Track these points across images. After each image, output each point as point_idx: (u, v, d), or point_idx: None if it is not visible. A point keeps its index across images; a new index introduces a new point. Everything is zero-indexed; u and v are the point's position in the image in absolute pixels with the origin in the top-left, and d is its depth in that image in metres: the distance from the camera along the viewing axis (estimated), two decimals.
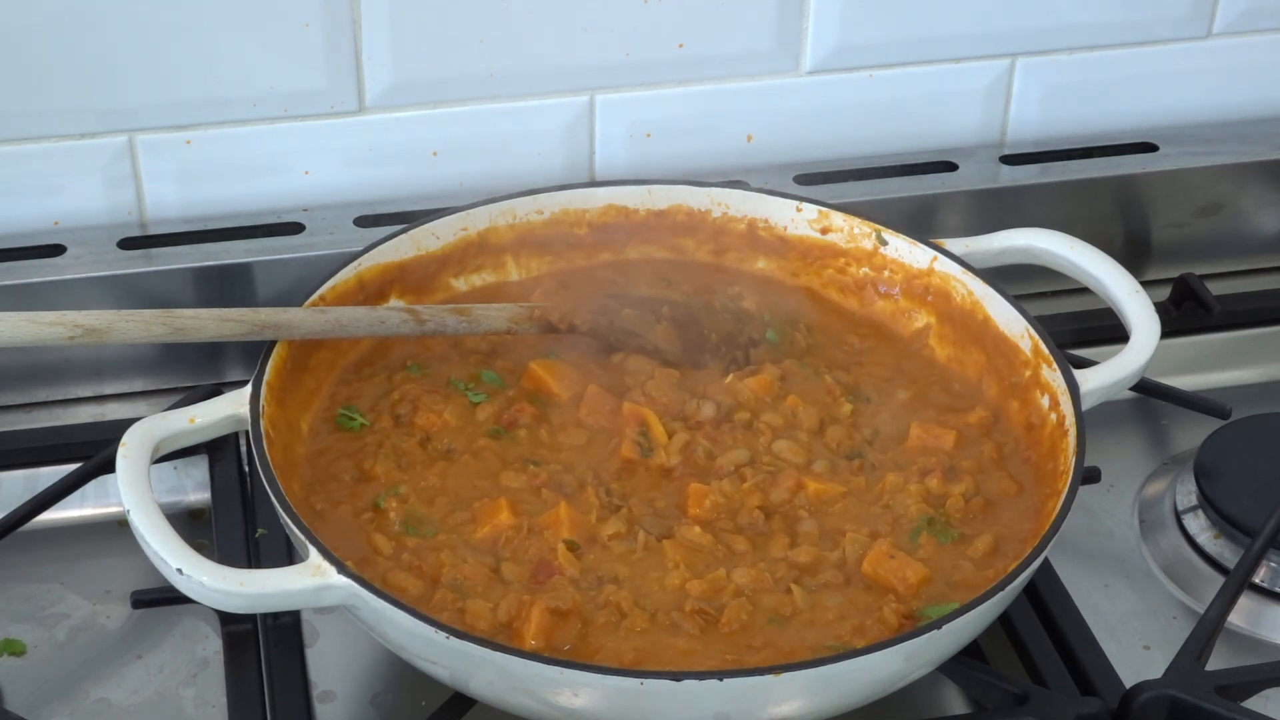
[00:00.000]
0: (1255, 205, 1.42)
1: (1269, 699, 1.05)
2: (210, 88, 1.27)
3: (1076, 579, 1.12)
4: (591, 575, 1.02)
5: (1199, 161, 1.40)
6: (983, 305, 1.17)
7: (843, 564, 1.03)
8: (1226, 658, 1.07)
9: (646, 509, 1.06)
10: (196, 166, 1.30)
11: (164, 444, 1.02)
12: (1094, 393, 1.09)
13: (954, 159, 1.40)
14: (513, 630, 0.97)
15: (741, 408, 1.14)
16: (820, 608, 1.00)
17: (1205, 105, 1.45)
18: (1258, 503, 1.13)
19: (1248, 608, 1.11)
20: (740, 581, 1.01)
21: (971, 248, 1.21)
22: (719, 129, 1.38)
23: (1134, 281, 1.17)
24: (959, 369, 1.18)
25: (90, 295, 1.23)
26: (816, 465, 1.10)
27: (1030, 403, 1.12)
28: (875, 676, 0.95)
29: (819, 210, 1.24)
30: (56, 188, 1.29)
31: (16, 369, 1.25)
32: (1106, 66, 1.42)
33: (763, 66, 1.37)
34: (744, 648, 0.98)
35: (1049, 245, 1.20)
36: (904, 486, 1.08)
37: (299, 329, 1.09)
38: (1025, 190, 1.37)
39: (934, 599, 1.01)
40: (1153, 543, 1.17)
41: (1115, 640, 1.09)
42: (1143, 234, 1.40)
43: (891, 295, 1.22)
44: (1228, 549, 1.13)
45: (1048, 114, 1.43)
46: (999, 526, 1.06)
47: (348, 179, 1.32)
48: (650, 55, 1.34)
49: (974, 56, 1.40)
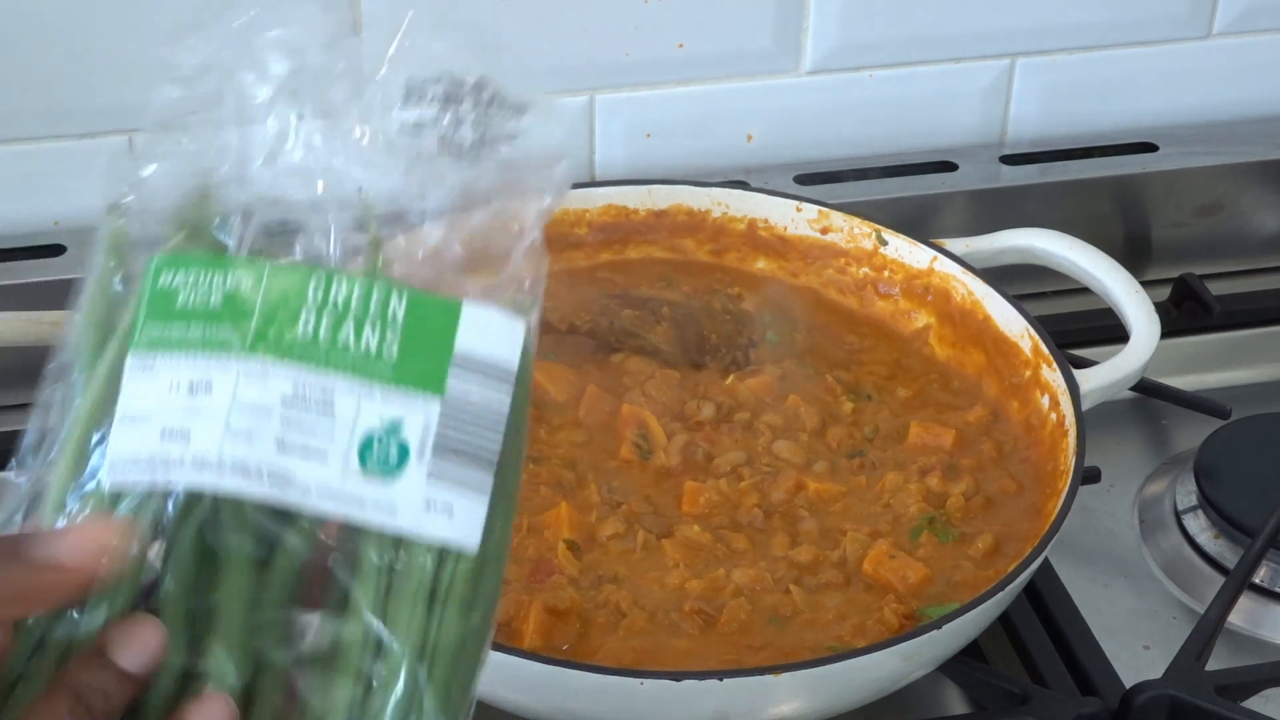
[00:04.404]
0: (1255, 205, 1.41)
1: (1269, 699, 1.05)
2: None
3: (1076, 579, 1.12)
4: (591, 574, 1.01)
5: (1199, 161, 1.40)
6: (983, 305, 1.17)
7: (843, 563, 1.03)
8: (1226, 658, 1.07)
9: (646, 508, 1.06)
10: None
11: None
12: (1094, 393, 1.09)
13: (954, 159, 1.40)
14: (511, 629, 0.97)
15: (741, 408, 1.14)
16: (820, 607, 1.00)
17: (1205, 105, 1.45)
18: (1258, 503, 1.13)
19: (1248, 608, 1.11)
20: (740, 581, 1.01)
21: (971, 248, 1.21)
22: (719, 129, 1.38)
23: (1134, 281, 1.17)
24: (959, 368, 1.19)
25: None
26: (817, 466, 1.10)
27: (1030, 402, 1.12)
28: (875, 676, 0.95)
29: (819, 210, 1.24)
30: (56, 188, 1.28)
31: (16, 369, 1.24)
32: (1106, 66, 1.42)
33: (763, 66, 1.37)
34: (743, 648, 0.98)
35: (1049, 245, 1.20)
36: (904, 485, 1.08)
37: None
38: (1025, 190, 1.37)
39: (934, 599, 1.01)
40: (1153, 543, 1.17)
41: (1115, 640, 1.09)
42: (1143, 234, 1.40)
43: (891, 295, 1.22)
44: (1228, 549, 1.13)
45: (1048, 114, 1.43)
46: (999, 526, 1.06)
47: None
48: (650, 55, 1.34)
49: (974, 56, 1.40)
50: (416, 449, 0.59)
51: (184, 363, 0.59)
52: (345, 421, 0.59)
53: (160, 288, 0.60)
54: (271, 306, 0.59)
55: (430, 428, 0.59)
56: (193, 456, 0.59)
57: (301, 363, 0.59)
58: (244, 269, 0.60)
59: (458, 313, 0.60)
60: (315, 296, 0.59)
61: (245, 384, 0.59)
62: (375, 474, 0.59)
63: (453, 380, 0.59)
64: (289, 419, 0.59)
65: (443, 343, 0.59)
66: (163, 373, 0.59)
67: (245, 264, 0.60)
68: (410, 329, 0.59)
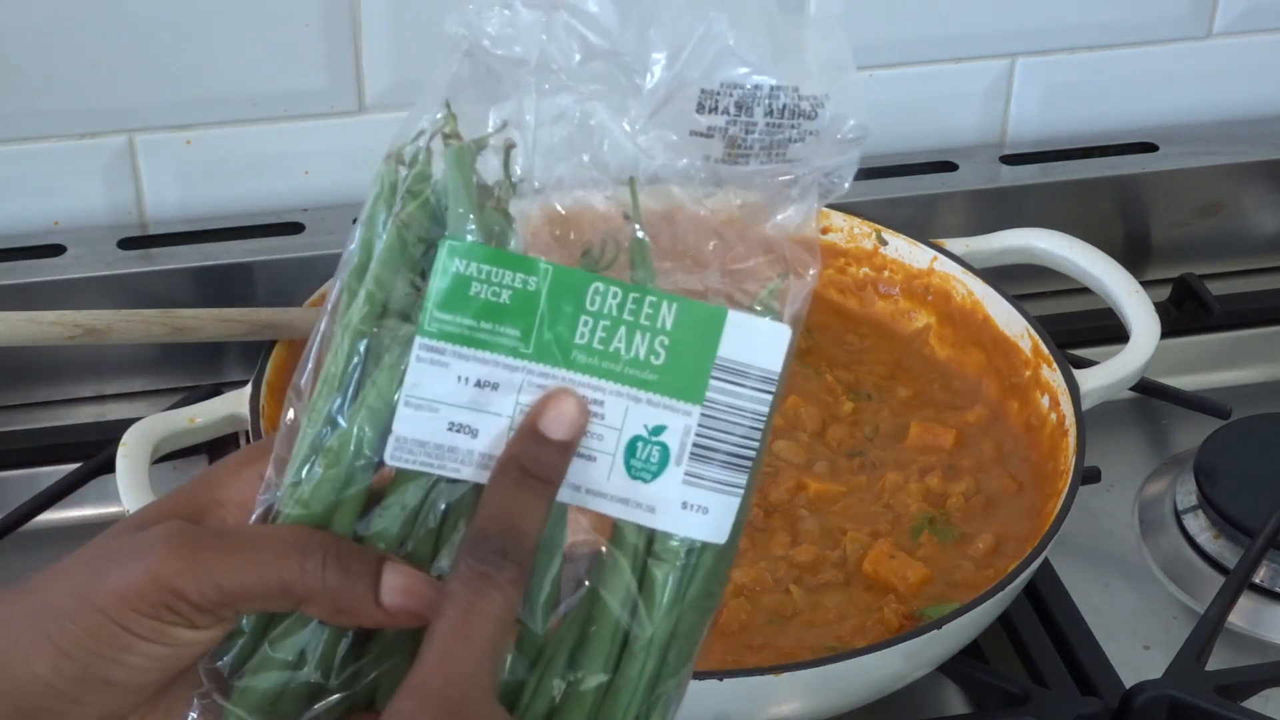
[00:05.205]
0: (1255, 205, 1.41)
1: (1269, 699, 1.05)
2: (210, 88, 1.27)
3: (1076, 579, 1.11)
4: None
5: (1199, 161, 1.40)
6: (983, 305, 1.17)
7: (843, 563, 1.03)
8: (1226, 658, 1.07)
9: None
10: (196, 166, 1.30)
11: (164, 444, 1.02)
12: (1094, 393, 1.09)
13: (954, 159, 1.40)
14: None
15: None
16: (820, 608, 1.00)
17: (1205, 105, 1.45)
18: (1258, 503, 1.13)
19: (1248, 608, 1.11)
20: (740, 581, 1.01)
21: (971, 248, 1.21)
22: None
23: (1134, 281, 1.17)
24: (959, 368, 1.18)
25: (90, 295, 1.23)
26: (817, 465, 1.10)
27: (1030, 402, 1.12)
28: (875, 676, 0.95)
29: (819, 210, 1.23)
30: (56, 188, 1.28)
31: (16, 369, 1.24)
32: (1106, 66, 1.42)
33: None
34: (743, 648, 0.98)
35: (1049, 245, 1.20)
36: (904, 485, 1.08)
37: (299, 329, 1.09)
38: (1025, 190, 1.37)
39: (934, 599, 1.01)
40: (1153, 543, 1.17)
41: (1115, 640, 1.09)
42: (1143, 234, 1.40)
43: (891, 295, 1.22)
44: (1228, 549, 1.13)
45: (1048, 114, 1.43)
46: (999, 526, 1.06)
47: (348, 179, 1.32)
48: None
49: (974, 56, 1.40)
50: (676, 454, 0.62)
51: (474, 359, 0.62)
52: (614, 427, 0.62)
53: (453, 274, 0.61)
54: (554, 311, 0.62)
55: (690, 432, 0.62)
56: (479, 453, 0.62)
57: (578, 371, 0.62)
58: (530, 268, 0.62)
59: (722, 320, 0.62)
60: (593, 301, 0.62)
61: (528, 390, 0.62)
62: (638, 476, 0.62)
63: (714, 387, 0.62)
64: None
65: (707, 350, 0.62)
66: (453, 365, 0.62)
67: (531, 263, 0.62)
68: (676, 338, 0.62)
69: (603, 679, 0.63)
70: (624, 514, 0.63)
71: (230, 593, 0.61)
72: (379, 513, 0.62)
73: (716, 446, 0.63)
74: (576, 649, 0.63)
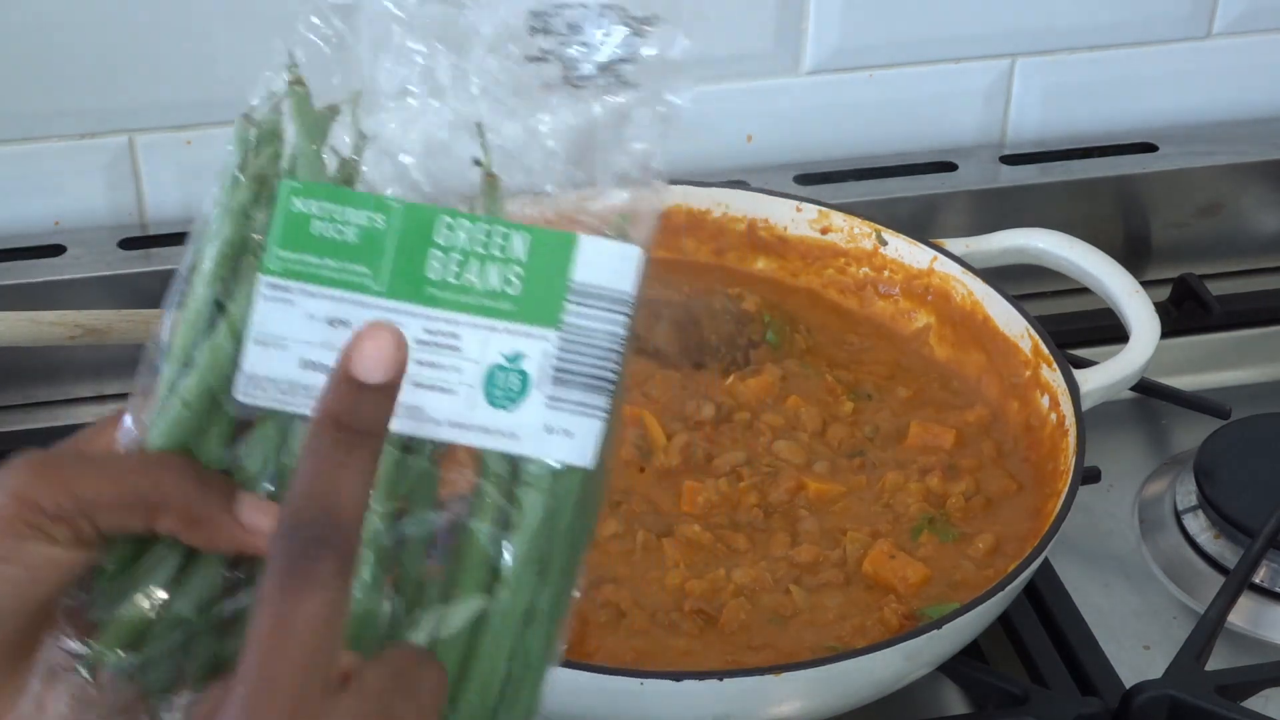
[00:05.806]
0: (1255, 205, 1.41)
1: (1269, 699, 1.05)
2: (210, 88, 1.27)
3: (1076, 579, 1.12)
4: (591, 574, 1.01)
5: (1199, 161, 1.40)
6: (983, 305, 1.17)
7: (843, 563, 1.03)
8: (1226, 658, 1.07)
9: (646, 507, 1.06)
10: (196, 166, 1.30)
11: None
12: (1094, 393, 1.09)
13: (954, 159, 1.40)
14: None
15: (742, 408, 1.14)
16: (820, 607, 1.00)
17: (1205, 105, 1.45)
18: (1258, 503, 1.13)
19: (1248, 608, 1.11)
20: (740, 581, 1.01)
21: (971, 248, 1.21)
22: (719, 129, 1.38)
23: (1134, 281, 1.17)
24: (959, 368, 1.18)
25: (90, 295, 1.23)
26: (817, 465, 1.10)
27: (1030, 403, 1.12)
28: (875, 676, 0.95)
29: (819, 210, 1.24)
30: (57, 188, 1.28)
31: (16, 369, 1.24)
32: (1106, 67, 1.42)
33: (763, 67, 1.37)
34: (744, 648, 0.98)
35: (1049, 245, 1.20)
36: (904, 485, 1.08)
37: None
38: (1025, 190, 1.37)
39: (934, 599, 1.01)
40: (1153, 543, 1.17)
41: (1115, 640, 1.09)
42: (1143, 234, 1.40)
43: (891, 295, 1.22)
44: (1228, 549, 1.13)
45: (1048, 114, 1.43)
46: (999, 526, 1.06)
47: None
48: None
49: (974, 56, 1.40)
50: (536, 379, 0.62)
51: (321, 295, 0.62)
52: (472, 359, 0.62)
53: (293, 212, 0.62)
54: (404, 247, 0.62)
55: (549, 356, 0.62)
56: None
57: (433, 306, 0.62)
58: (376, 205, 0.62)
59: (573, 245, 0.62)
60: (443, 236, 0.62)
61: None
62: (499, 404, 0.62)
63: (569, 311, 0.62)
64: (422, 359, 0.62)
65: (560, 276, 0.62)
66: (299, 302, 0.62)
67: (376, 200, 0.62)
68: (530, 266, 0.62)
69: (476, 606, 0.62)
70: (488, 443, 0.62)
71: (85, 500, 0.60)
72: (241, 448, 0.63)
73: (576, 370, 0.63)
74: (449, 584, 0.63)
